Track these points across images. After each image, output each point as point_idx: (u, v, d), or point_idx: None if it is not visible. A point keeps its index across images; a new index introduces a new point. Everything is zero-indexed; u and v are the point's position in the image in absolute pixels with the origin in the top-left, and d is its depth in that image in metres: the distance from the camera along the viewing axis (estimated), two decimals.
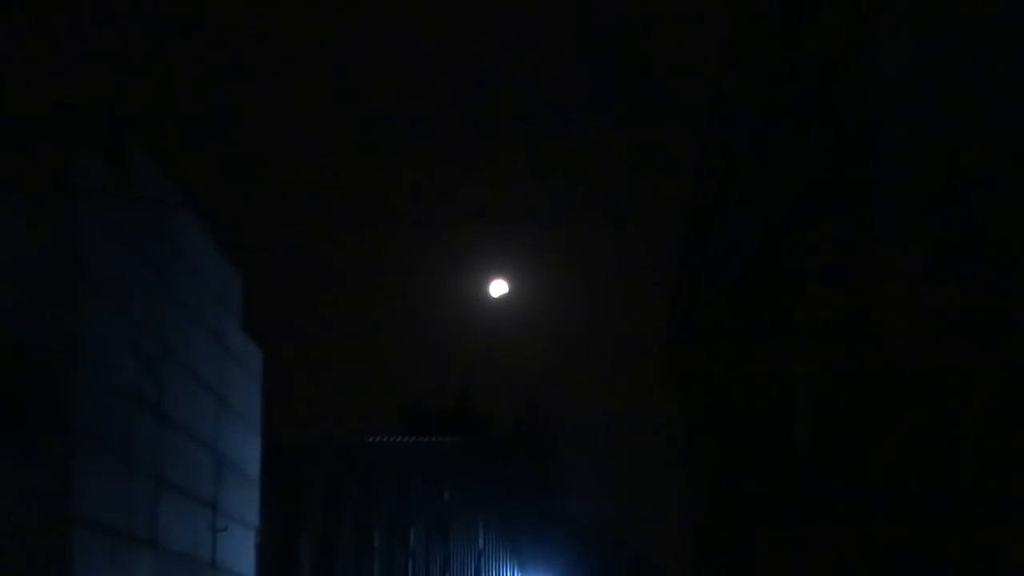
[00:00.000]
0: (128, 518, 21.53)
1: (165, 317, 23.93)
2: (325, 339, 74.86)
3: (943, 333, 7.22)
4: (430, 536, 38.89)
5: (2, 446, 18.77)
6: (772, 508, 12.21)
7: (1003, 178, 6.33)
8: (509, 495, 38.62)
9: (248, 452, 30.08)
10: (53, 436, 18.93)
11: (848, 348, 9.77)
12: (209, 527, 26.19)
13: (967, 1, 6.84)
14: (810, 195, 10.47)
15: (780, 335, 11.95)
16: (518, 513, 38.31)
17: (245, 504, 29.57)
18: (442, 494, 39.56)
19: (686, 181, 15.25)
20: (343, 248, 73.10)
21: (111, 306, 20.99)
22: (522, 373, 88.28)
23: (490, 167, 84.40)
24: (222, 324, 28.18)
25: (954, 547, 7.13)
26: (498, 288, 33.69)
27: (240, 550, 28.89)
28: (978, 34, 6.59)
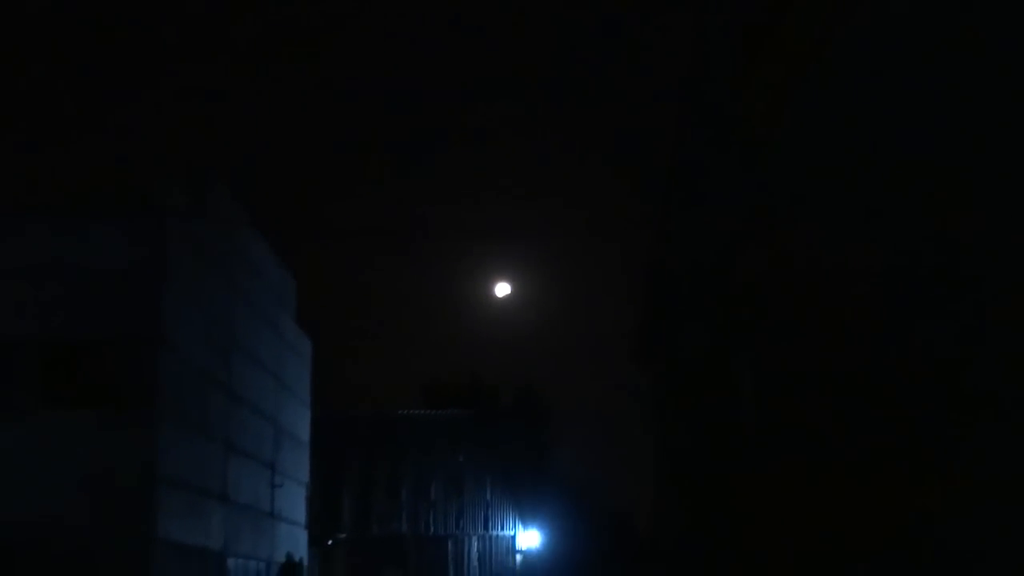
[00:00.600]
0: (203, 477, 21.76)
1: (234, 313, 24.09)
2: (362, 330, 74.66)
3: (851, 331, 7.40)
4: (447, 491, 38.94)
5: (103, 419, 19.15)
6: (722, 465, 12.01)
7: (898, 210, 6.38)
8: (512, 457, 38.33)
9: (300, 423, 30.16)
10: (144, 411, 19.20)
11: (781, 338, 9.74)
12: (269, 484, 26.36)
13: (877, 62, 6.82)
14: (749, 217, 10.43)
15: (727, 326, 11.81)
16: (519, 472, 38.03)
17: (297, 465, 29.69)
18: (457, 456, 39.39)
19: (652, 205, 15.38)
20: (378, 256, 73.03)
21: (190, 304, 21.21)
22: (522, 357, 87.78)
23: (497, 190, 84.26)
24: (279, 318, 28.25)
25: (853, 489, 7.23)
26: (502, 289, 34.15)
27: (293, 502, 29.03)
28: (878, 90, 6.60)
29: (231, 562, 23.32)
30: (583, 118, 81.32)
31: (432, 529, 38.56)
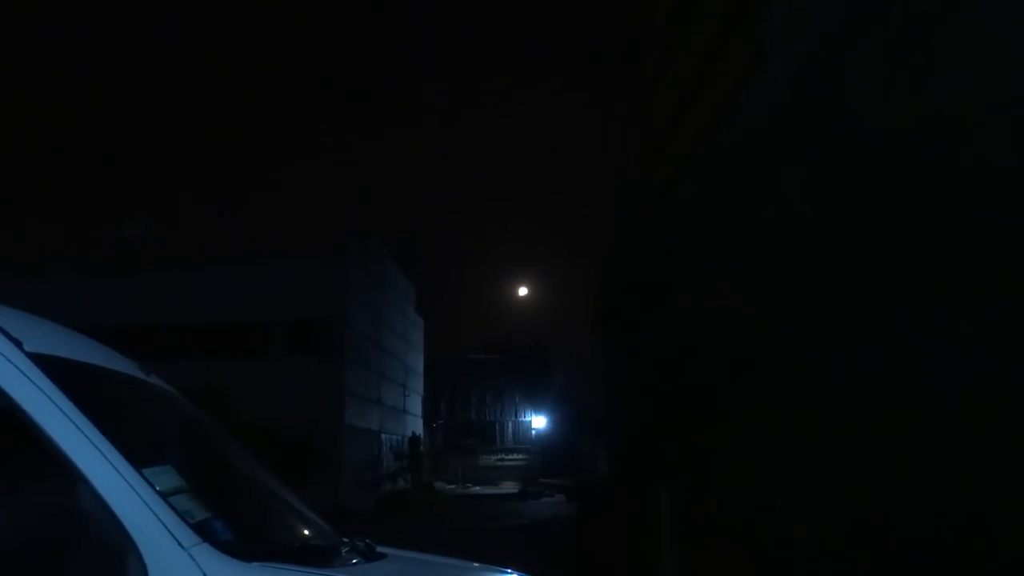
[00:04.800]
0: (368, 391, 21.90)
1: (382, 306, 24.05)
2: (450, 312, 72.74)
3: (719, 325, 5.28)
4: (495, 396, 38.77)
5: (315, 361, 18.97)
6: (638, 408, 9.94)
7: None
8: (529, 379, 38.38)
9: (418, 363, 30.04)
10: (337, 358, 19.29)
11: (680, 330, 7.64)
12: (402, 394, 26.48)
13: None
14: (670, 243, 7.87)
15: (650, 311, 9.55)
16: (533, 387, 38.06)
17: (417, 384, 29.64)
18: (499, 378, 39.33)
19: (602, 233, 13.05)
20: (461, 265, 70.86)
21: (360, 301, 21.25)
22: (534, 326, 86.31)
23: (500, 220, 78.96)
24: (406, 307, 28.13)
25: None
26: (523, 290, 34.30)
27: (415, 404, 29.03)
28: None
29: (383, 437, 23.37)
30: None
31: (487, 417, 38.59)
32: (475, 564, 2.32)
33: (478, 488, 30.88)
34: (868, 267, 3.04)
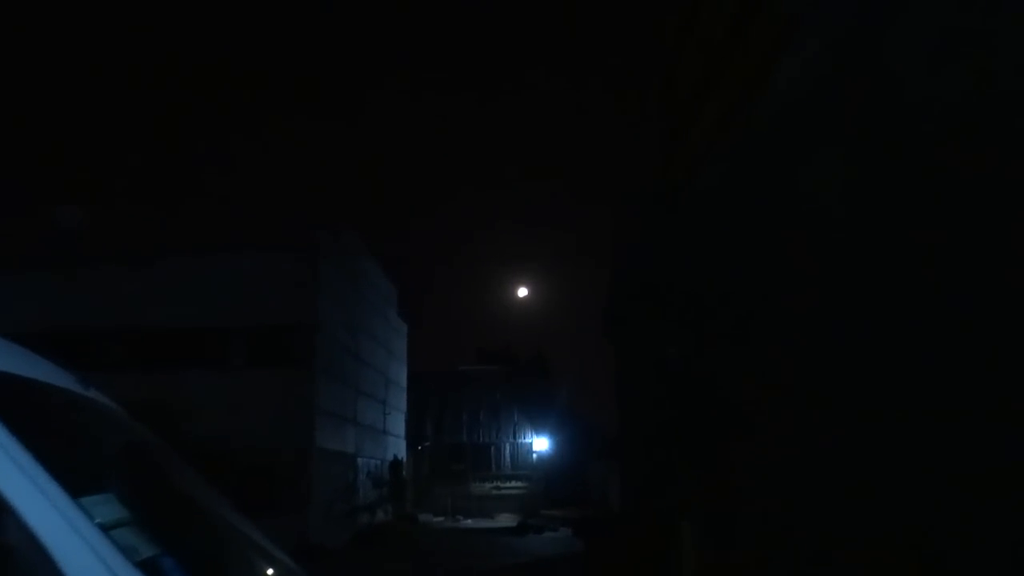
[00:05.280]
0: (342, 408, 21.83)
1: (358, 308, 24.02)
2: (439, 317, 73.32)
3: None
4: (490, 415, 38.64)
5: (285, 374, 18.97)
6: (654, 418, 10.22)
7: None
8: (529, 394, 38.29)
9: (400, 375, 30.10)
10: (308, 370, 19.21)
11: (699, 330, 8.05)
12: (382, 412, 26.49)
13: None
14: (675, 244, 8.49)
15: (664, 317, 10.02)
16: (534, 403, 37.98)
17: (399, 400, 29.69)
18: (496, 394, 39.22)
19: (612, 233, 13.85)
20: (450, 263, 71.23)
21: (333, 303, 21.22)
22: (536, 334, 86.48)
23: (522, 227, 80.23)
24: (387, 310, 28.18)
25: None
26: (523, 291, 34.40)
27: (397, 424, 29.11)
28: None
29: (360, 461, 23.37)
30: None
31: (481, 438, 38.62)
32: None
33: (470, 521, 30.90)
34: (917, 255, 3.03)
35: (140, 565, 1.44)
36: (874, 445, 3.10)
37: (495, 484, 36.30)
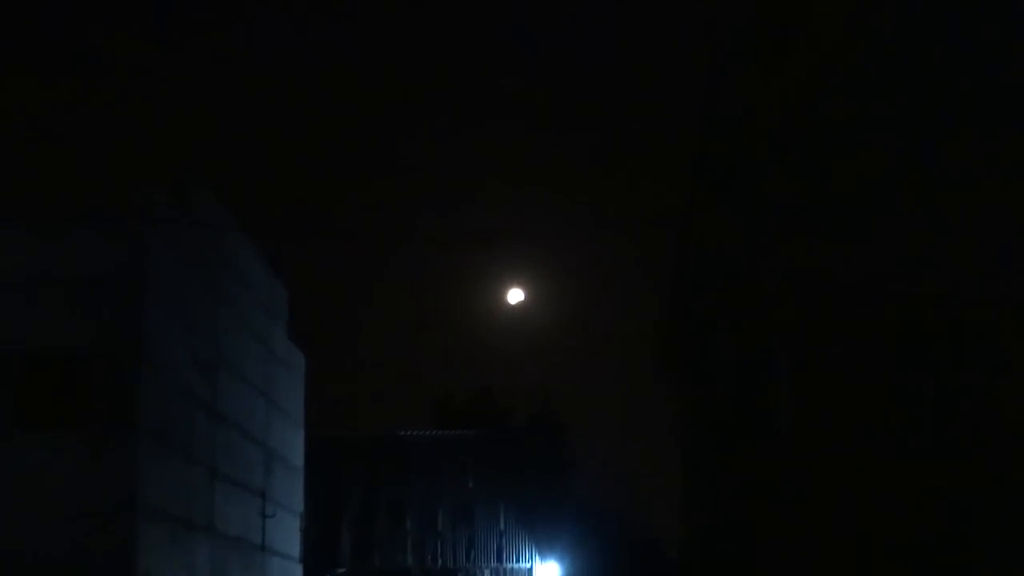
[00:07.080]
0: (188, 506, 21.68)
1: (220, 326, 24.14)
2: (362, 343, 74.68)
3: (885, 336, 7.54)
4: (457, 519, 38.83)
5: (75, 442, 18.92)
6: (761, 485, 11.98)
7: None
8: (527, 482, 38.16)
9: (293, 445, 30.12)
10: (121, 433, 19.00)
11: (817, 340, 9.80)
12: (259, 514, 26.23)
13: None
14: (781, 216, 10.51)
15: (762, 332, 11.86)
16: (535, 498, 37.88)
17: (291, 492, 29.61)
18: (467, 482, 39.38)
19: (674, 202, 15.23)
20: (379, 262, 73.35)
21: (174, 316, 21.21)
22: (537, 369, 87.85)
23: (510, 192, 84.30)
24: (270, 332, 28.27)
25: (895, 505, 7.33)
26: (515, 296, 33.88)
27: (287, 534, 28.97)
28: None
29: None
30: (597, 113, 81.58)
31: (440, 562, 38.56)
32: None
33: None
34: None
35: None
36: None
37: None
